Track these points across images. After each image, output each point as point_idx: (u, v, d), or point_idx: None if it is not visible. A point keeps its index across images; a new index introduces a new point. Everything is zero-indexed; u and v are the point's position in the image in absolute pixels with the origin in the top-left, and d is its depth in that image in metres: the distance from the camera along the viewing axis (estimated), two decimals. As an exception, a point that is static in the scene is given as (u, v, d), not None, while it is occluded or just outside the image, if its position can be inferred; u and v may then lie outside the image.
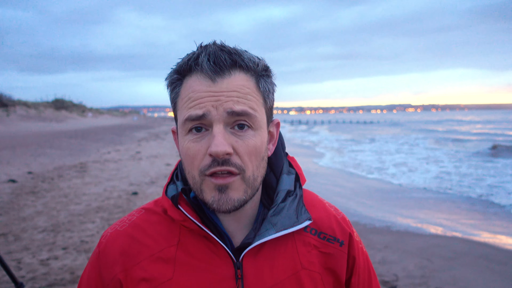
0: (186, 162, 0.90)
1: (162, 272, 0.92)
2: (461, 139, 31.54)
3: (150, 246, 0.94)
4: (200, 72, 0.88)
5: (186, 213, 0.92)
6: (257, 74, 0.92)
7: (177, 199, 0.94)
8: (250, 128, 0.89)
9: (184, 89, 0.91)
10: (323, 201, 1.09)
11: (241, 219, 0.96)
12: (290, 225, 0.95)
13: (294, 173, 1.04)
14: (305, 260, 0.97)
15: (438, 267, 5.15)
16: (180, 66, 0.91)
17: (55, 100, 56.58)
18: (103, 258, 0.95)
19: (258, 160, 0.91)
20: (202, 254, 0.93)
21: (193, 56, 0.90)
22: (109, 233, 0.99)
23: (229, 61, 0.88)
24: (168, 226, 0.97)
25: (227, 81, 0.87)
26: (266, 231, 0.93)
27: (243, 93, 0.88)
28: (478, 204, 9.35)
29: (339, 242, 1.01)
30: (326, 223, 1.03)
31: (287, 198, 0.98)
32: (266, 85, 0.94)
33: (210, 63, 0.87)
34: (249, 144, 0.88)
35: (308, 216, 0.98)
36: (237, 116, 0.87)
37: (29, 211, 7.63)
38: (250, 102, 0.89)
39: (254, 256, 0.93)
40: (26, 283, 4.48)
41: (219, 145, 0.84)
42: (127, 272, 0.92)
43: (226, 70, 0.88)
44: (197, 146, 0.88)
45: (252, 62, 0.91)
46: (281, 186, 1.00)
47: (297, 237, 0.99)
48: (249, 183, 0.90)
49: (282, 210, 0.96)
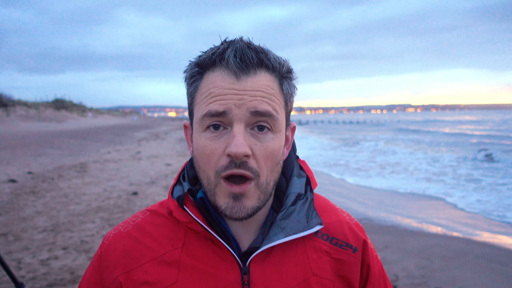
0: (202, 161, 0.87)
1: (165, 276, 0.88)
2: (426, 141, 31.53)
3: (154, 249, 0.91)
4: (224, 68, 0.85)
5: (192, 215, 0.89)
6: (281, 75, 0.90)
7: (183, 200, 0.91)
8: (270, 131, 0.86)
9: (205, 83, 0.87)
10: (335, 206, 1.05)
11: (250, 223, 0.93)
12: (300, 230, 0.91)
13: (305, 176, 1.00)
14: (315, 267, 0.93)
15: (438, 267, 5.15)
16: (203, 60, 0.87)
17: (55, 100, 56.57)
18: (105, 260, 0.92)
19: (273, 164, 0.88)
20: (207, 258, 0.89)
21: (218, 50, 0.86)
22: (112, 235, 0.96)
23: (256, 59, 0.85)
24: (173, 229, 0.93)
25: (252, 79, 0.85)
26: (275, 235, 0.89)
27: (268, 93, 0.86)
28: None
29: (352, 248, 0.97)
30: (338, 228, 0.98)
31: (297, 201, 0.94)
32: (289, 87, 0.92)
33: (236, 59, 0.84)
34: (267, 148, 0.85)
35: (319, 220, 0.94)
36: (260, 116, 0.84)
37: (29, 211, 7.63)
38: (274, 104, 0.86)
39: (262, 262, 0.90)
40: (26, 283, 4.47)
41: (239, 145, 0.81)
42: (128, 275, 0.89)
43: (252, 68, 0.85)
44: (214, 144, 0.84)
45: (277, 62, 0.88)
46: (291, 189, 0.96)
47: (307, 242, 0.94)
48: (263, 189, 0.87)
49: (292, 213, 0.92)
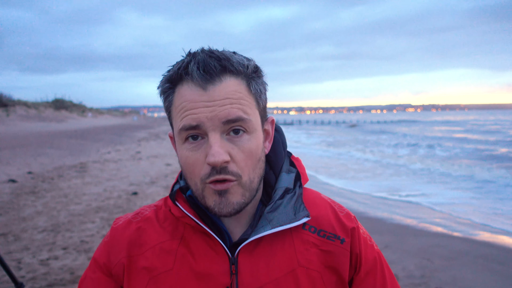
0: (187, 170, 0.92)
1: (163, 262, 0.95)
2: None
3: (155, 239, 0.99)
4: (190, 81, 0.88)
5: (183, 209, 0.96)
6: (248, 76, 0.92)
7: (174, 196, 0.99)
8: (245, 133, 0.90)
9: (177, 98, 0.91)
10: (326, 199, 1.07)
11: (240, 217, 0.98)
12: (287, 222, 0.95)
13: (294, 172, 1.04)
14: (302, 258, 0.96)
15: (438, 267, 5.15)
16: (171, 75, 0.91)
17: (55, 100, 56.56)
18: (112, 242, 1.01)
19: (254, 163, 0.91)
20: (202, 250, 0.95)
21: (183, 64, 0.89)
22: (122, 221, 1.04)
23: (219, 67, 0.88)
24: (174, 224, 1.00)
25: (218, 88, 0.87)
26: (262, 228, 0.94)
27: (236, 98, 0.88)
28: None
29: (340, 239, 0.99)
30: (326, 220, 1.01)
31: (285, 195, 0.98)
32: (258, 86, 0.94)
33: (200, 72, 0.87)
34: (244, 150, 0.89)
35: (306, 213, 0.97)
36: (232, 123, 0.88)
37: (29, 211, 7.63)
38: (244, 107, 0.89)
39: (250, 253, 0.94)
40: (26, 283, 4.47)
41: (216, 155, 0.85)
42: (131, 259, 0.97)
43: (217, 77, 0.87)
44: (195, 155, 0.89)
45: (241, 65, 0.90)
46: (279, 184, 1.00)
47: (295, 235, 0.98)
48: (246, 187, 0.90)
49: (279, 207, 0.96)
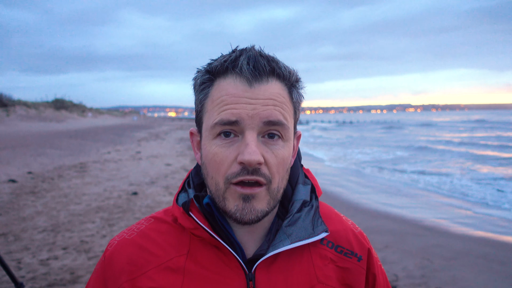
0: (211, 168, 0.87)
1: (170, 282, 0.88)
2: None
3: (159, 256, 0.91)
4: (237, 75, 0.85)
5: (198, 221, 0.89)
6: (291, 84, 0.91)
7: (189, 206, 0.91)
8: (280, 139, 0.87)
9: (216, 90, 0.87)
10: (340, 214, 1.06)
11: (255, 230, 0.93)
12: (306, 237, 0.90)
13: (310, 184, 1.01)
14: (321, 274, 0.92)
15: (438, 267, 5.15)
16: (215, 67, 0.88)
17: (55, 100, 56.56)
18: (109, 267, 0.92)
19: (284, 171, 0.89)
20: (212, 265, 0.89)
21: (231, 57, 0.87)
22: (117, 241, 0.96)
23: (268, 67, 0.86)
24: (178, 236, 0.93)
25: (264, 87, 0.85)
26: (280, 242, 0.89)
27: (279, 101, 0.86)
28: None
29: (357, 257, 0.97)
30: (343, 236, 0.99)
31: (303, 208, 0.94)
32: (298, 96, 0.93)
33: (249, 67, 0.84)
34: (278, 155, 0.86)
35: (325, 228, 0.94)
36: (272, 125, 0.85)
37: (29, 211, 7.63)
38: (285, 112, 0.87)
39: (267, 268, 0.89)
40: (26, 283, 4.47)
41: (252, 154, 0.82)
42: (133, 282, 0.89)
43: (265, 76, 0.85)
44: (225, 152, 0.85)
45: (287, 71, 0.89)
46: (297, 196, 0.96)
47: (313, 250, 0.94)
48: (273, 195, 0.87)
49: (298, 220, 0.92)
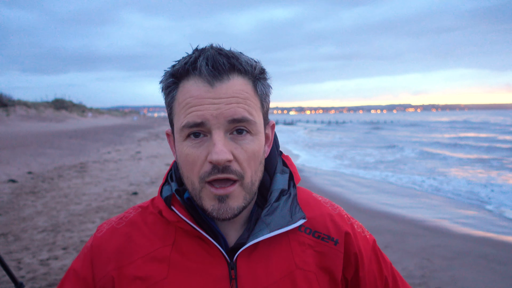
0: (185, 168, 0.89)
1: (156, 271, 0.91)
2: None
3: (145, 246, 0.94)
4: (198, 76, 0.86)
5: (180, 214, 0.92)
6: (254, 77, 0.91)
7: (170, 200, 0.94)
8: (248, 133, 0.88)
9: (181, 93, 0.89)
10: (318, 198, 1.07)
11: (235, 220, 0.96)
12: (284, 225, 0.94)
13: (288, 172, 1.03)
14: (299, 260, 0.96)
15: (438, 267, 5.15)
16: (177, 70, 0.89)
17: (55, 100, 56.59)
18: (97, 254, 0.95)
19: (256, 165, 0.90)
20: (197, 255, 0.92)
21: (190, 59, 0.87)
22: (106, 229, 0.98)
23: (228, 65, 0.86)
24: (164, 227, 0.96)
25: (226, 85, 0.86)
26: (260, 231, 0.92)
27: (243, 97, 0.87)
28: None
29: (334, 241, 1.00)
30: (320, 222, 1.01)
31: (281, 197, 0.97)
32: (263, 88, 0.93)
33: (208, 67, 0.85)
34: (248, 150, 0.88)
35: (302, 215, 0.97)
36: (237, 122, 0.86)
37: (29, 211, 7.63)
38: (249, 108, 0.88)
39: (248, 256, 0.93)
40: (26, 283, 4.47)
41: (219, 153, 0.83)
42: (121, 270, 0.92)
43: (225, 74, 0.86)
44: (196, 152, 0.87)
45: (249, 65, 0.89)
46: (275, 186, 0.99)
47: (291, 237, 0.97)
48: (248, 189, 0.89)
49: (276, 209, 0.95)
